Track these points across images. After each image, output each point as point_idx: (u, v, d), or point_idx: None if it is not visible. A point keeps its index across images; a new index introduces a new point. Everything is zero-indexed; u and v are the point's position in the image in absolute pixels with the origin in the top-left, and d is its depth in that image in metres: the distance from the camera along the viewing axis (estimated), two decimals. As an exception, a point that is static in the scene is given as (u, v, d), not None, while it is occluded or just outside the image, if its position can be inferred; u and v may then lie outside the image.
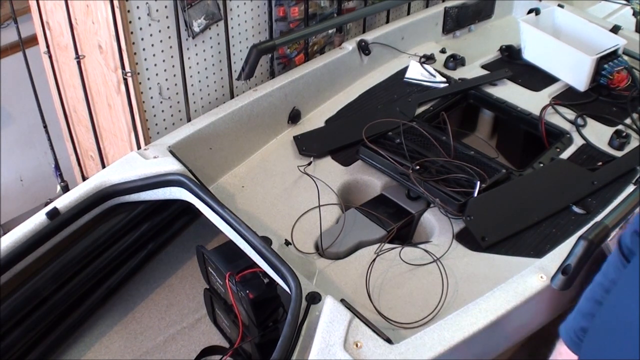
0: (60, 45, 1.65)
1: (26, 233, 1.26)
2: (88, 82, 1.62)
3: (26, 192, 2.53)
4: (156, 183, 1.40)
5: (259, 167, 1.65)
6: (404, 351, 1.08)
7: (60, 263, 1.31)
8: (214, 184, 1.58)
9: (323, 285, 1.28)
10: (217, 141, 1.59)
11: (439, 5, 2.18)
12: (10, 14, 1.65)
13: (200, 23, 1.55)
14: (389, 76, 2.00)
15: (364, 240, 1.44)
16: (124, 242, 1.44)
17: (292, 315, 1.10)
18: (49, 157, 1.85)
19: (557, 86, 1.93)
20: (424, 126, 1.71)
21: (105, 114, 1.65)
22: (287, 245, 1.39)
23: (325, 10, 1.82)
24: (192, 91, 1.64)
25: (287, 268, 1.18)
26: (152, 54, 1.51)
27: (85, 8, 1.47)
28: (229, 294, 1.34)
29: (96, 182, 1.38)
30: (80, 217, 1.35)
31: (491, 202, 1.46)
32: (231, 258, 1.36)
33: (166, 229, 1.55)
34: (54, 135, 1.84)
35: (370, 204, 1.56)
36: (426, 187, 1.47)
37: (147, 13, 1.46)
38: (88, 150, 1.85)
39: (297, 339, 1.09)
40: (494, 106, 1.90)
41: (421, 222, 1.52)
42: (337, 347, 1.06)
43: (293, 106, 1.78)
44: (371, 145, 1.59)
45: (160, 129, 1.61)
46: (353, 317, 1.11)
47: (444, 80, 1.94)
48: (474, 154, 1.61)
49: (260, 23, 1.73)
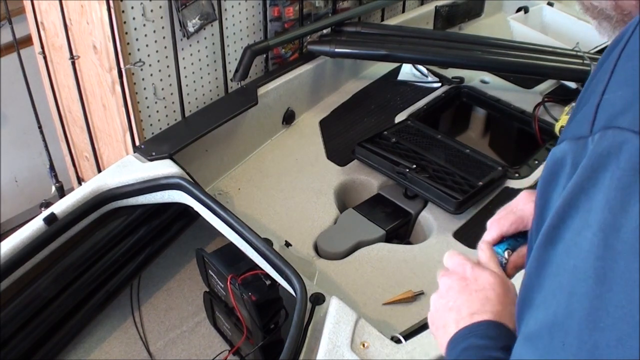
0: (55, 46, 1.63)
1: (24, 239, 1.24)
2: (83, 83, 1.60)
3: (21, 192, 2.50)
4: (154, 186, 1.39)
5: (254, 168, 1.65)
6: (411, 350, 1.09)
7: (59, 269, 1.30)
8: (209, 186, 1.58)
9: (324, 285, 1.28)
10: (213, 143, 1.58)
11: (430, 4, 2.19)
12: (5, 14, 1.62)
13: (194, 23, 1.54)
14: (382, 75, 2.01)
15: (362, 240, 1.44)
16: (122, 247, 1.43)
17: (298, 317, 1.10)
18: (43, 157, 1.83)
19: (548, 83, 1.95)
20: (419, 125, 1.72)
21: (100, 114, 1.64)
22: (288, 247, 1.39)
23: (319, 10, 1.82)
24: (187, 91, 1.63)
25: (291, 269, 1.18)
26: (146, 54, 1.50)
27: (79, 8, 1.46)
28: (231, 296, 1.33)
29: (93, 186, 1.36)
30: (78, 222, 1.33)
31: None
32: (232, 261, 1.36)
33: (164, 233, 1.53)
34: (48, 136, 1.82)
35: (368, 203, 1.56)
36: (423, 185, 1.48)
37: (141, 13, 1.44)
38: (83, 151, 1.83)
39: (303, 340, 1.09)
40: (487, 104, 1.91)
41: (419, 221, 1.53)
42: (345, 348, 1.06)
43: (287, 107, 1.78)
44: (367, 145, 1.60)
45: (155, 129, 1.60)
46: (359, 318, 1.11)
47: (437, 80, 1.95)
48: (470, 152, 1.62)
49: (255, 23, 1.72)
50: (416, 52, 1.78)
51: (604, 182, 0.44)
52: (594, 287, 0.44)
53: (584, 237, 0.45)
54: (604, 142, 0.45)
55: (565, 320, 0.46)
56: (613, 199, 0.44)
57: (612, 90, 0.47)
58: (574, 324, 0.45)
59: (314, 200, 1.53)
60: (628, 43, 0.48)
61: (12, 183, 2.49)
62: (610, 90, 0.47)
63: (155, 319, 1.54)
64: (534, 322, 0.49)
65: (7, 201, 2.46)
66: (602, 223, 0.44)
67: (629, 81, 0.46)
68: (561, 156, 0.49)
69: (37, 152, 2.34)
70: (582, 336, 0.44)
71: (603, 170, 0.44)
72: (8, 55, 2.07)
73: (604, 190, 0.44)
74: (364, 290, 1.30)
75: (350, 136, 1.75)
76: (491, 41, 1.85)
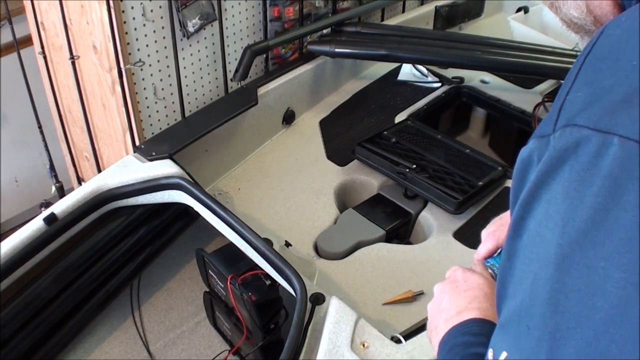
0: (55, 46, 1.63)
1: (24, 239, 1.24)
2: (83, 83, 1.61)
3: (21, 192, 2.51)
4: (154, 186, 1.39)
5: (254, 168, 1.65)
6: (411, 350, 1.09)
7: (59, 269, 1.30)
8: (209, 186, 1.58)
9: (324, 285, 1.28)
10: (213, 143, 1.58)
11: (430, 4, 2.19)
12: (5, 15, 1.62)
13: (194, 23, 1.54)
14: (382, 75, 2.01)
15: (362, 240, 1.44)
16: (122, 247, 1.43)
17: (298, 317, 1.10)
18: (43, 157, 1.83)
19: (548, 83, 1.95)
20: (419, 125, 1.72)
21: (100, 114, 1.64)
22: (288, 247, 1.39)
23: (320, 10, 1.82)
24: (187, 91, 1.63)
25: (291, 270, 1.18)
26: (146, 54, 1.50)
27: (79, 8, 1.46)
28: (231, 296, 1.33)
29: (93, 186, 1.36)
30: (78, 222, 1.33)
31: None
32: (232, 261, 1.36)
33: (164, 233, 1.53)
34: (48, 136, 1.82)
35: (368, 203, 1.56)
36: (423, 185, 1.48)
37: (141, 13, 1.44)
38: (83, 151, 1.83)
39: (303, 340, 1.09)
40: (487, 104, 1.91)
41: (419, 221, 1.53)
42: (345, 348, 1.06)
43: (287, 107, 1.78)
44: (367, 145, 1.60)
45: (155, 129, 1.60)
46: (359, 318, 1.11)
47: (437, 80, 1.95)
48: (470, 152, 1.62)
49: (255, 23, 1.72)
50: (416, 52, 1.78)
51: (563, 175, 0.47)
52: (554, 273, 0.47)
53: (546, 226, 0.48)
54: (563, 139, 0.48)
55: (530, 305, 0.48)
56: (571, 190, 0.46)
57: (574, 91, 0.50)
58: (537, 308, 0.48)
59: (314, 200, 1.53)
60: (592, 48, 0.51)
61: (12, 183, 2.50)
62: (573, 92, 0.50)
63: (155, 319, 1.54)
64: (507, 311, 0.52)
65: (7, 201, 2.47)
66: (561, 213, 0.47)
67: (588, 83, 0.49)
68: (528, 154, 0.52)
69: (37, 152, 2.34)
70: (545, 319, 0.47)
71: (562, 164, 0.47)
72: (8, 55, 2.08)
73: (563, 183, 0.47)
74: (364, 290, 1.30)
75: (350, 136, 1.75)
76: (491, 41, 1.85)
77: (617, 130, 0.45)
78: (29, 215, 1.68)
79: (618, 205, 0.44)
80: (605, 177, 0.45)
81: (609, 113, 0.46)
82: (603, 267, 0.44)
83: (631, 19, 0.51)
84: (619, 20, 0.52)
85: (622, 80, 0.47)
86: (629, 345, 0.42)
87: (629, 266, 0.43)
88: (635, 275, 0.42)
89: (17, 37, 1.66)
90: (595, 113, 0.47)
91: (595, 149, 0.45)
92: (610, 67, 0.49)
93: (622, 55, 0.49)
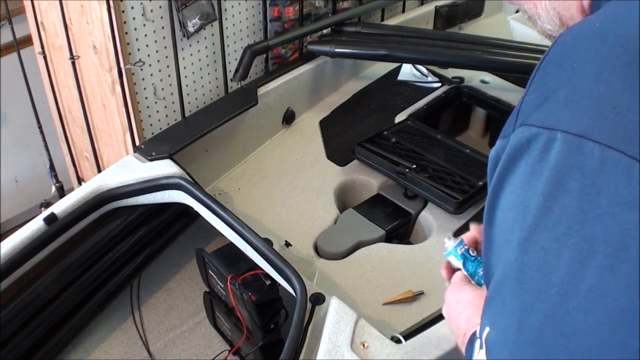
0: (55, 46, 1.63)
1: (24, 239, 1.24)
2: (83, 83, 1.61)
3: (21, 192, 2.50)
4: (154, 186, 1.38)
5: (254, 168, 1.65)
6: (411, 350, 1.08)
7: (59, 269, 1.30)
8: (209, 186, 1.58)
9: (324, 285, 1.28)
10: (213, 143, 1.58)
11: (430, 4, 2.19)
12: (5, 15, 1.62)
13: (194, 23, 1.54)
14: (382, 75, 2.01)
15: (362, 240, 1.44)
16: (122, 247, 1.43)
17: (298, 317, 1.10)
18: (43, 158, 1.83)
19: (548, 84, 1.94)
20: (419, 125, 1.72)
21: (100, 114, 1.64)
22: (288, 247, 1.39)
23: (319, 10, 1.82)
24: (187, 91, 1.63)
25: (291, 270, 1.18)
26: (146, 54, 1.50)
27: (79, 8, 1.46)
28: (231, 296, 1.33)
29: (93, 186, 1.36)
30: (78, 222, 1.33)
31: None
32: (232, 261, 1.36)
33: (163, 233, 1.53)
34: (48, 136, 1.82)
35: (368, 203, 1.56)
36: (423, 185, 1.48)
37: (141, 13, 1.44)
38: (83, 151, 1.83)
39: (303, 340, 1.09)
40: (487, 104, 1.91)
41: (419, 221, 1.53)
42: (345, 348, 1.06)
43: (287, 107, 1.78)
44: (367, 145, 1.60)
45: (155, 129, 1.60)
46: (359, 318, 1.11)
47: (437, 80, 1.95)
48: (470, 152, 1.62)
49: (255, 23, 1.72)
50: (416, 52, 1.78)
51: (520, 168, 0.54)
52: (517, 254, 0.53)
53: (509, 214, 0.55)
54: (518, 137, 0.54)
55: (502, 284, 0.55)
56: (526, 181, 0.53)
57: (529, 94, 0.56)
58: (507, 286, 0.54)
59: (314, 200, 1.53)
60: (547, 55, 0.57)
61: (12, 183, 2.50)
62: (528, 95, 0.56)
63: (155, 319, 1.54)
64: (489, 291, 0.59)
65: (7, 201, 2.47)
66: (520, 202, 0.54)
67: (539, 86, 0.55)
68: (495, 154, 0.58)
69: (37, 152, 2.35)
70: (514, 296, 0.53)
71: (519, 159, 0.54)
72: (8, 55, 2.07)
73: (520, 175, 0.54)
74: (364, 290, 1.30)
75: (350, 136, 1.75)
76: (491, 41, 1.85)
77: (560, 126, 0.51)
78: (29, 215, 1.67)
79: (565, 193, 0.50)
80: (551, 169, 0.50)
81: (553, 112, 0.52)
82: (555, 247, 0.50)
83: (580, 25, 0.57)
84: (572, 28, 0.58)
85: (565, 82, 0.53)
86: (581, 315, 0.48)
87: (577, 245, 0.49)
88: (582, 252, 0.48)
89: (17, 37, 1.66)
90: (543, 112, 0.53)
91: (543, 144, 0.51)
92: (556, 70, 0.55)
93: (566, 59, 0.54)
